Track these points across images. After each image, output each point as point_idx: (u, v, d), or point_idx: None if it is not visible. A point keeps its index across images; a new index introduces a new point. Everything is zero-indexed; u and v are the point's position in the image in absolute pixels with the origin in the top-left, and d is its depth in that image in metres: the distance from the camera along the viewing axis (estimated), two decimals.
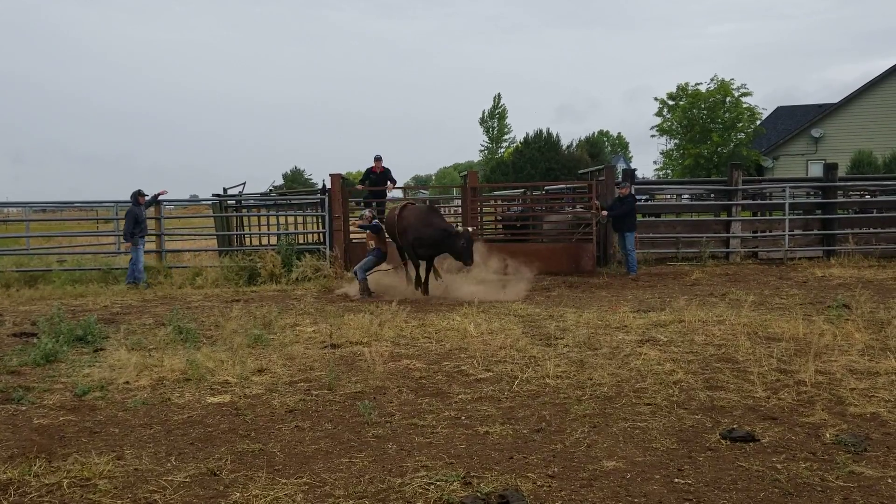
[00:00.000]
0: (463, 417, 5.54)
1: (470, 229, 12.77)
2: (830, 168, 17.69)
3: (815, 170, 31.14)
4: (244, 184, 18.30)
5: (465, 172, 18.68)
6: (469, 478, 4.33)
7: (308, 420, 5.59)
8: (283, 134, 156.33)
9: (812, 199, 18.09)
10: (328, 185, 16.37)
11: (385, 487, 4.24)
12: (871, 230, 17.45)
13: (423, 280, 12.74)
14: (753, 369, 6.51)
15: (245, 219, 18.74)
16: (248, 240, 17.95)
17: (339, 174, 16.61)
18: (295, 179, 70.26)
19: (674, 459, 4.57)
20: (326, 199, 16.14)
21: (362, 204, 16.75)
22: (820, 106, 40.73)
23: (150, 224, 16.04)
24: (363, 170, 18.29)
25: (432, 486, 4.21)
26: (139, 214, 14.88)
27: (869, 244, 16.82)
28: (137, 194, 15.07)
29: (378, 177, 17.13)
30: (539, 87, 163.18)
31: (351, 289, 13.09)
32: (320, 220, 16.63)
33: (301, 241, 17.13)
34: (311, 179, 71.66)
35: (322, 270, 15.00)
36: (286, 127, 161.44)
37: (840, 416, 5.32)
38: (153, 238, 16.56)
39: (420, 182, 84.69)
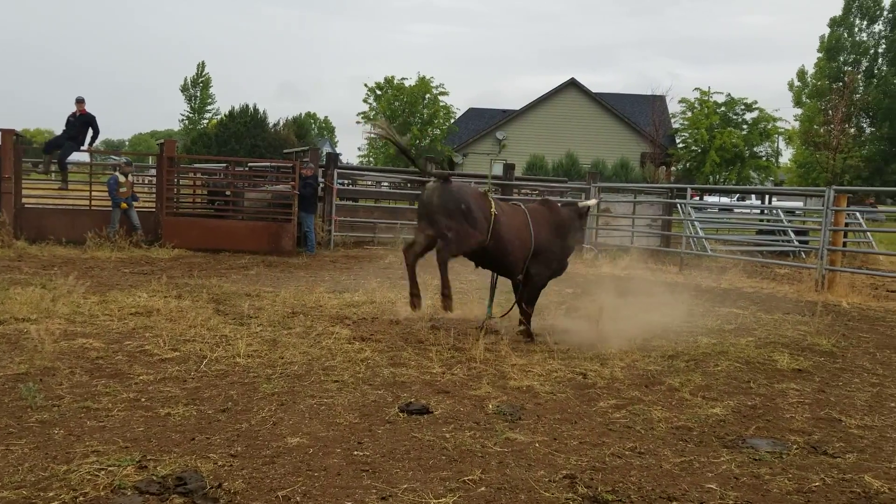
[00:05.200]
0: (143, 399, 5.26)
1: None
2: (509, 168, 19.90)
3: (498, 169, 34.41)
4: None
5: (162, 141, 17.52)
6: (145, 461, 4.14)
7: None
8: None
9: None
10: None
11: (48, 476, 3.89)
12: None
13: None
14: (433, 348, 7.08)
15: None
16: None
17: (13, 130, 14.73)
18: None
19: (355, 433, 4.81)
20: None
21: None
22: (504, 111, 45.12)
23: None
24: (42, 127, 16.14)
25: (103, 472, 3.95)
26: None
27: None
28: None
29: (77, 121, 15.08)
30: (257, 62, 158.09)
31: None
32: None
33: None
34: None
35: None
36: None
37: (502, 389, 5.99)
38: None
39: (112, 147, 77.16)
